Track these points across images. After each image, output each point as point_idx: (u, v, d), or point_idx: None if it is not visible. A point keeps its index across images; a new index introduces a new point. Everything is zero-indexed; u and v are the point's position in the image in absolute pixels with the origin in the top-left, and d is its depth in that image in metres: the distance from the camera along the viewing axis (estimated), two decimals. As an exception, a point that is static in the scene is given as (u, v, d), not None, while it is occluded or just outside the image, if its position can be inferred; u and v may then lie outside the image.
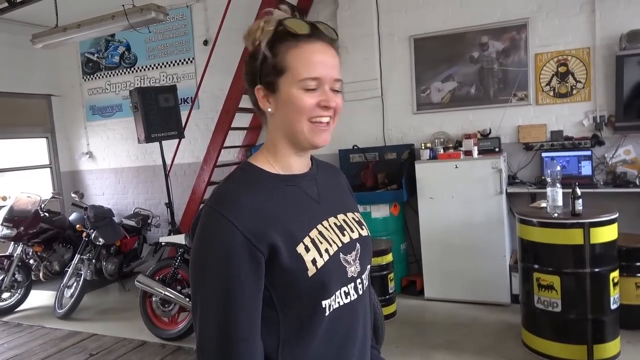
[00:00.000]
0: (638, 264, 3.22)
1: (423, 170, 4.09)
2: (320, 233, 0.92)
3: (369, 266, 1.02)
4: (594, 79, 3.99)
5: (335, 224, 0.97)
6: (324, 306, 0.89)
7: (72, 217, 5.64)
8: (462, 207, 3.93)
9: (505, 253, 3.84)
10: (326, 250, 0.91)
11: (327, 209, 0.98)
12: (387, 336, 3.22)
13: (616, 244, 2.97)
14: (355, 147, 4.72)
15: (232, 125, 4.79)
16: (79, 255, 4.66)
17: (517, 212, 3.24)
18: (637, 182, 3.66)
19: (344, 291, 0.93)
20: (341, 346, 0.94)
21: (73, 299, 4.47)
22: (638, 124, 3.79)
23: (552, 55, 4.12)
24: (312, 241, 0.90)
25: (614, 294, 2.90)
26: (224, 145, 4.83)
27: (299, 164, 0.98)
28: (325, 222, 0.95)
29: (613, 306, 2.89)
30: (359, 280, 0.97)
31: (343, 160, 4.75)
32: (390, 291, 3.80)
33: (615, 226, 2.95)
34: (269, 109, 0.94)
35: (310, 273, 0.87)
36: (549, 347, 2.97)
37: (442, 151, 4.12)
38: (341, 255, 0.93)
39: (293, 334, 0.89)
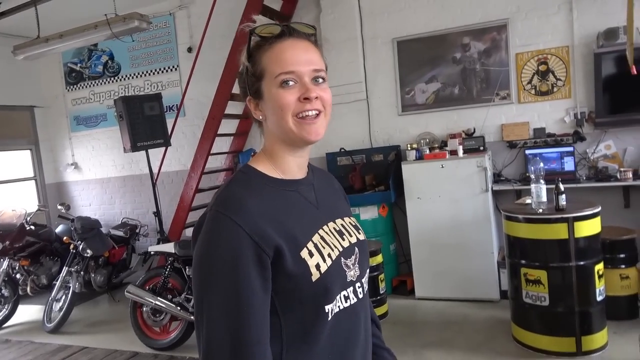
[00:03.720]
0: (621, 255, 3.29)
1: (410, 171, 4.12)
2: (322, 238, 0.93)
3: (367, 269, 1.03)
4: (573, 76, 4.08)
5: (334, 228, 0.98)
6: (326, 311, 0.89)
7: (59, 229, 5.57)
8: (449, 206, 3.97)
9: (492, 250, 3.89)
10: (329, 255, 0.91)
11: (326, 214, 0.99)
12: (380, 337, 3.23)
13: (600, 237, 3.03)
14: (342, 150, 4.74)
15: (219, 132, 4.79)
16: (66, 268, 4.59)
17: (503, 209, 3.29)
18: (618, 176, 3.73)
19: (344, 295, 0.93)
20: (343, 350, 0.95)
21: (62, 313, 4.40)
22: (617, 119, 3.87)
23: (533, 54, 4.20)
24: (315, 246, 0.90)
25: (600, 286, 2.96)
26: (211, 152, 4.82)
27: (297, 166, 0.98)
28: (325, 227, 0.96)
29: (599, 298, 2.95)
30: (358, 284, 0.97)
31: (331, 163, 4.78)
32: (382, 292, 3.82)
33: (598, 220, 3.01)
34: (261, 117, 0.95)
35: (314, 278, 0.87)
36: (539, 340, 3.01)
37: (428, 151, 4.16)
38: (342, 259, 0.94)
39: (296, 339, 0.89)
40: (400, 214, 4.47)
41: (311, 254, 0.89)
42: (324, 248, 0.91)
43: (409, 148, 4.24)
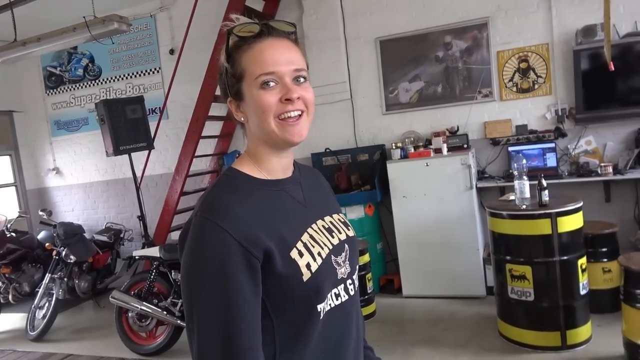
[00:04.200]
0: (603, 249, 3.34)
1: (395, 170, 4.14)
2: (311, 237, 0.92)
3: (357, 266, 1.03)
4: (553, 73, 4.13)
5: (323, 226, 0.97)
6: (318, 310, 0.88)
7: (41, 235, 5.47)
8: (435, 204, 3.99)
9: (478, 247, 3.92)
10: (319, 254, 0.91)
11: (315, 212, 0.98)
12: (368, 336, 3.18)
13: (582, 231, 3.08)
14: (327, 150, 4.74)
15: (203, 134, 4.74)
16: (49, 275, 4.51)
17: (487, 206, 3.32)
18: (599, 171, 3.79)
19: (335, 293, 0.93)
20: (335, 348, 0.94)
21: (45, 320, 4.32)
22: (597, 115, 3.94)
23: (513, 52, 4.25)
24: (305, 245, 0.90)
25: (583, 280, 3.00)
26: (196, 154, 4.78)
27: (281, 166, 0.96)
28: (314, 226, 0.95)
29: (582, 292, 2.99)
30: (349, 281, 0.97)
31: (316, 164, 4.77)
32: (369, 291, 3.82)
33: (580, 214, 3.06)
34: (242, 119, 0.94)
35: (305, 278, 0.86)
36: (525, 335, 3.05)
37: (412, 150, 4.18)
38: (332, 257, 0.93)
39: (288, 340, 0.88)
40: (386, 213, 4.48)
41: (301, 254, 0.88)
42: (313, 247, 0.91)
43: (394, 147, 4.26)
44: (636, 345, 2.56)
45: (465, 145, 4.19)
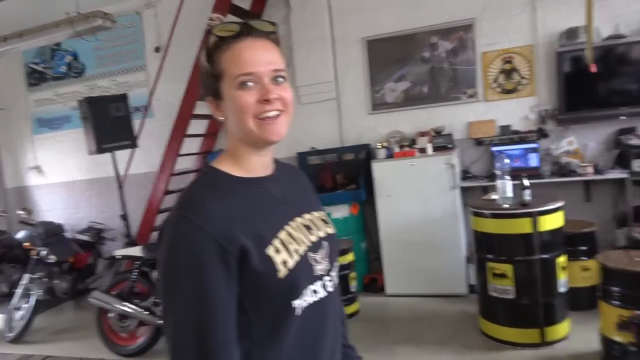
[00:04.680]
0: (583, 248, 3.38)
1: (380, 169, 4.15)
2: (289, 234, 0.93)
3: (337, 263, 1.03)
4: (537, 74, 4.18)
5: (302, 223, 0.98)
6: (294, 306, 0.89)
7: (20, 235, 5.36)
8: (419, 203, 4.01)
9: (461, 246, 3.95)
10: (296, 251, 0.92)
11: (293, 209, 0.99)
12: (352, 335, 3.17)
13: (562, 230, 3.11)
14: (313, 150, 4.73)
15: (188, 133, 4.70)
16: (28, 275, 4.42)
17: (470, 205, 3.34)
18: (579, 171, 3.84)
19: (312, 290, 0.93)
20: (312, 345, 0.95)
21: (24, 321, 4.23)
22: (578, 116, 3.99)
23: (498, 53, 4.29)
24: (282, 242, 0.90)
25: (562, 278, 3.03)
26: (180, 153, 4.73)
27: (261, 165, 0.97)
28: (292, 223, 0.96)
29: (561, 290, 3.02)
30: (328, 278, 0.97)
31: (301, 163, 4.76)
32: (352, 290, 3.82)
33: (561, 214, 3.09)
34: (221, 117, 0.95)
35: (281, 275, 0.87)
36: (505, 333, 3.07)
37: (397, 150, 4.19)
38: (310, 254, 0.94)
39: (264, 337, 0.89)
40: (371, 212, 4.48)
41: (277, 251, 0.89)
42: (291, 244, 0.92)
43: (379, 147, 4.26)
44: (612, 341, 2.59)
45: (449, 146, 4.21)
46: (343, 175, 4.53)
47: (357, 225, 4.42)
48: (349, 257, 3.81)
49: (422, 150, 4.11)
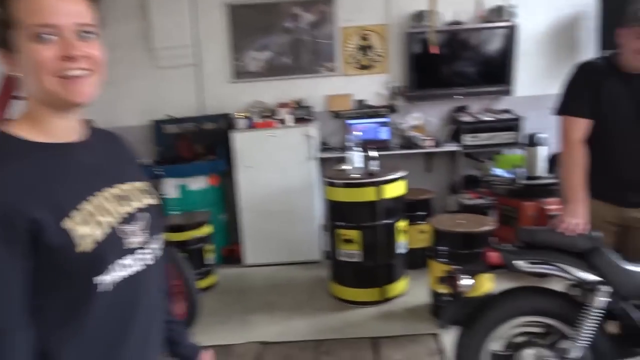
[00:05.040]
0: (421, 213, 3.73)
1: (240, 140, 4.07)
2: (97, 205, 0.84)
3: (158, 236, 0.95)
4: (390, 53, 4.43)
5: (115, 194, 0.88)
6: (96, 283, 0.81)
7: None
8: (278, 174, 4.05)
9: (317, 215, 4.10)
10: (100, 223, 0.82)
11: (105, 179, 0.89)
12: (208, 308, 3.17)
13: (403, 198, 3.40)
14: (170, 117, 4.45)
15: None
16: None
17: (324, 175, 3.47)
18: (422, 144, 4.21)
19: (121, 264, 0.85)
20: (123, 321, 0.87)
21: None
22: (423, 93, 4.35)
23: (356, 29, 4.43)
24: (85, 213, 0.82)
25: (400, 241, 3.34)
26: None
27: (66, 129, 0.87)
28: (101, 193, 0.86)
29: (399, 251, 3.33)
30: (147, 251, 0.90)
31: (157, 131, 4.45)
32: (208, 263, 3.74)
33: (403, 183, 3.37)
34: (16, 73, 0.81)
35: (80, 249, 0.79)
36: (351, 293, 3.31)
37: (258, 120, 4.15)
38: (120, 226, 0.86)
39: (63, 319, 0.81)
40: (231, 184, 4.40)
41: (77, 223, 0.79)
42: (95, 215, 0.82)
43: (240, 117, 4.17)
44: (437, 293, 2.94)
45: (309, 117, 4.28)
46: (202, 146, 4.35)
47: (216, 196, 4.31)
48: (205, 230, 3.71)
49: (282, 122, 4.12)
